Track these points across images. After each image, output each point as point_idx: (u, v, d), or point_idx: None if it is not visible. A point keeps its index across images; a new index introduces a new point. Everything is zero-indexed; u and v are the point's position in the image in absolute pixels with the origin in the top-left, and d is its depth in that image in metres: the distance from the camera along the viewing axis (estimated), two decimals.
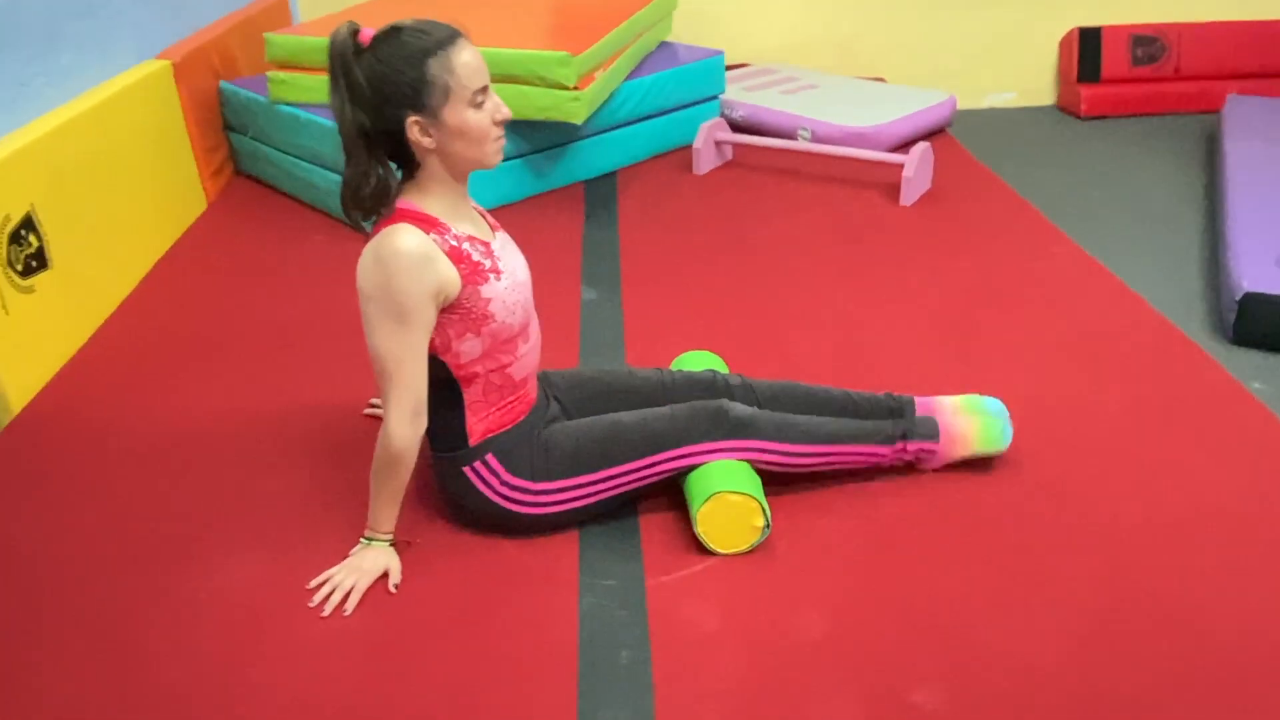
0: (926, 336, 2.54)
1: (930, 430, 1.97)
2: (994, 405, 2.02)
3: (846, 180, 3.60)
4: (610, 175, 3.70)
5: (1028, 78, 5.00)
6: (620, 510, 1.90)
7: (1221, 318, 2.86)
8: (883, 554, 1.80)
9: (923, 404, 2.04)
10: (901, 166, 3.35)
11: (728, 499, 1.77)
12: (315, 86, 3.35)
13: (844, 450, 1.92)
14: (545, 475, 1.80)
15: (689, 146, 3.83)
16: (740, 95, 4.17)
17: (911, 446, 1.96)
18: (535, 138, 3.40)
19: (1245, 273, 2.80)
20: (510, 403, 1.79)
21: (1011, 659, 1.57)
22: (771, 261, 2.98)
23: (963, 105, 4.98)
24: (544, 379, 1.97)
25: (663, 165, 3.80)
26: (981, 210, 3.33)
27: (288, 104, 3.40)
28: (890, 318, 2.64)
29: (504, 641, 1.63)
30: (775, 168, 3.75)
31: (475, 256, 1.68)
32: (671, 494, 1.92)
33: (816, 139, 3.82)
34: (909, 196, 3.32)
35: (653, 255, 3.04)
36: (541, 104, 3.17)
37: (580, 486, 1.81)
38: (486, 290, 1.69)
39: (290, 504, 1.96)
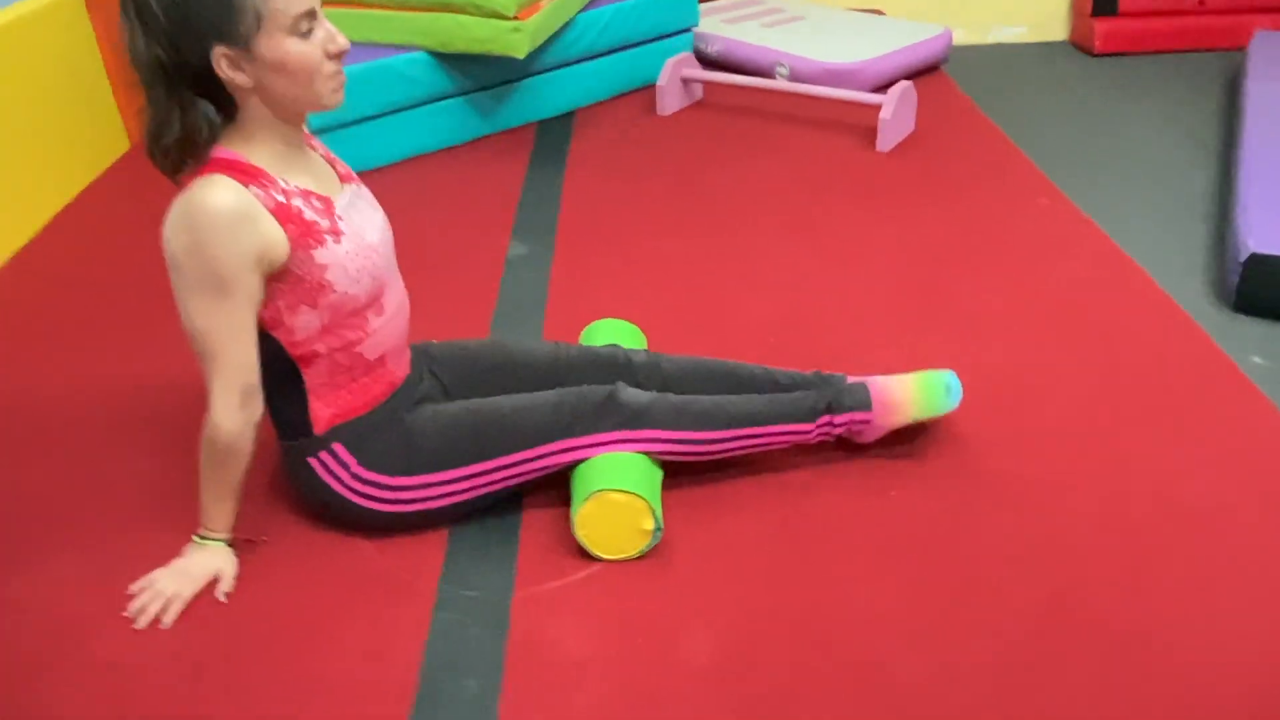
0: (885, 302, 2.26)
1: (860, 399, 1.70)
2: (938, 376, 1.75)
3: (824, 123, 3.29)
4: (567, 116, 3.41)
5: (1039, 9, 4.62)
6: (503, 504, 1.67)
7: (1224, 282, 2.56)
8: (795, 562, 1.56)
9: (855, 378, 1.79)
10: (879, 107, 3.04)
11: (610, 499, 1.53)
12: None
13: (757, 432, 1.66)
14: (405, 469, 1.56)
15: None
16: (717, 28, 3.84)
17: (839, 419, 1.69)
18: (479, 73, 3.11)
19: (1253, 231, 2.49)
20: (364, 384, 1.55)
21: (928, 700, 1.34)
22: (726, 214, 2.70)
23: (968, 40, 4.61)
24: (420, 352, 1.72)
25: (626, 105, 3.50)
26: (965, 158, 3.02)
27: None
28: (848, 280, 2.37)
29: (336, 665, 1.41)
30: (748, 108, 3.45)
31: (309, 215, 1.43)
32: (565, 486, 1.68)
33: (795, 76, 3.50)
34: (886, 141, 3.01)
35: (597, 205, 2.77)
36: (479, 35, 2.88)
37: (447, 483, 1.57)
38: (322, 255, 1.43)
39: (129, 494, 1.73)
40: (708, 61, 3.76)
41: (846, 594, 1.50)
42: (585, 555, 1.57)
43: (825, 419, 1.69)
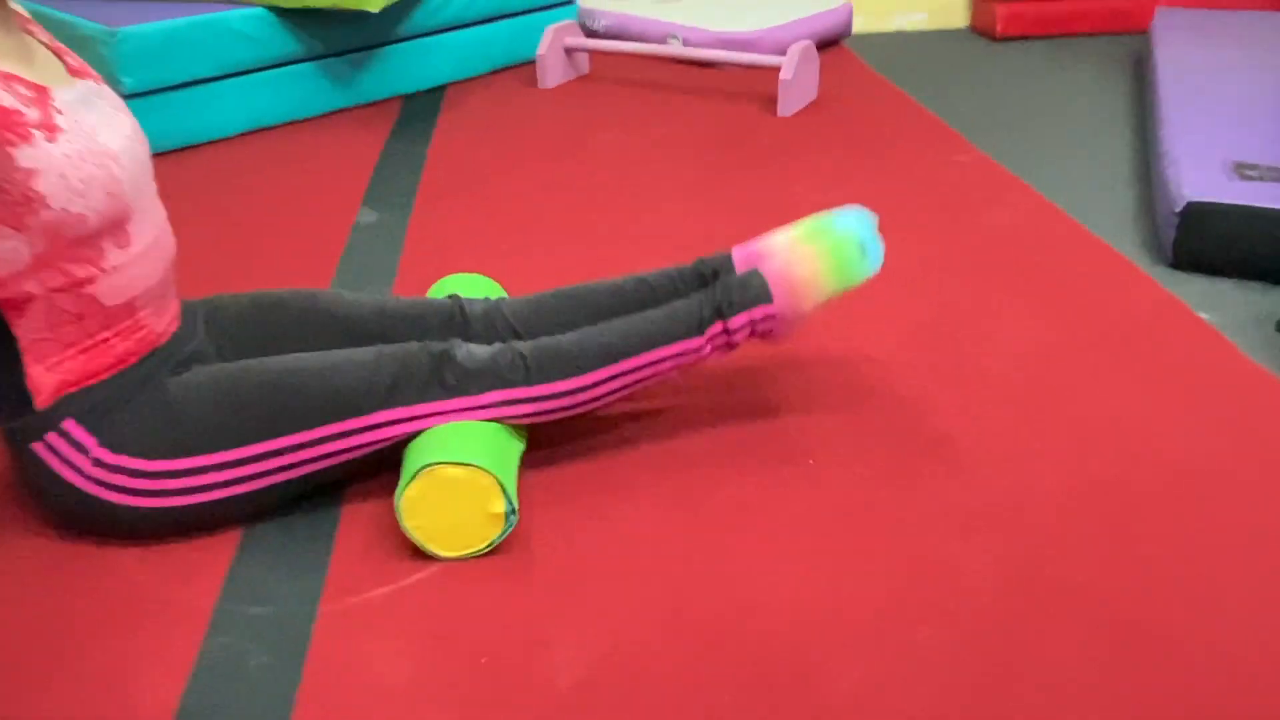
0: None
1: (756, 290, 1.35)
2: (845, 219, 1.41)
3: (722, 92, 3.01)
4: (437, 91, 3.05)
5: None
6: (317, 497, 1.29)
7: (1159, 238, 2.33)
8: (695, 552, 1.21)
9: (743, 256, 1.44)
10: (779, 70, 2.77)
11: (445, 475, 1.17)
12: None
13: (635, 364, 1.31)
14: (166, 449, 1.17)
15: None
16: (604, 4, 3.55)
17: (735, 323, 1.34)
18: (331, 35, 2.74)
19: (1186, 180, 2.27)
20: (102, 341, 1.16)
21: (874, 712, 1.00)
22: (611, 177, 2.37)
23: (869, 28, 4.43)
24: (197, 306, 1.34)
25: (503, 80, 3.16)
26: (874, 120, 2.75)
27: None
28: (747, 236, 2.06)
29: (69, 714, 1.01)
30: (639, 81, 3.14)
31: (10, 102, 1.05)
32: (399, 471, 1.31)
33: (688, 45, 3.22)
34: (788, 105, 2.73)
35: (462, 169, 2.41)
36: None
37: (225, 467, 1.19)
38: (27, 156, 1.05)
39: None
40: (595, 39, 3.46)
41: (762, 589, 1.16)
42: (418, 554, 1.20)
43: (717, 327, 1.34)
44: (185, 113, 2.52)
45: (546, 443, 1.39)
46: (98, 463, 1.16)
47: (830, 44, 3.50)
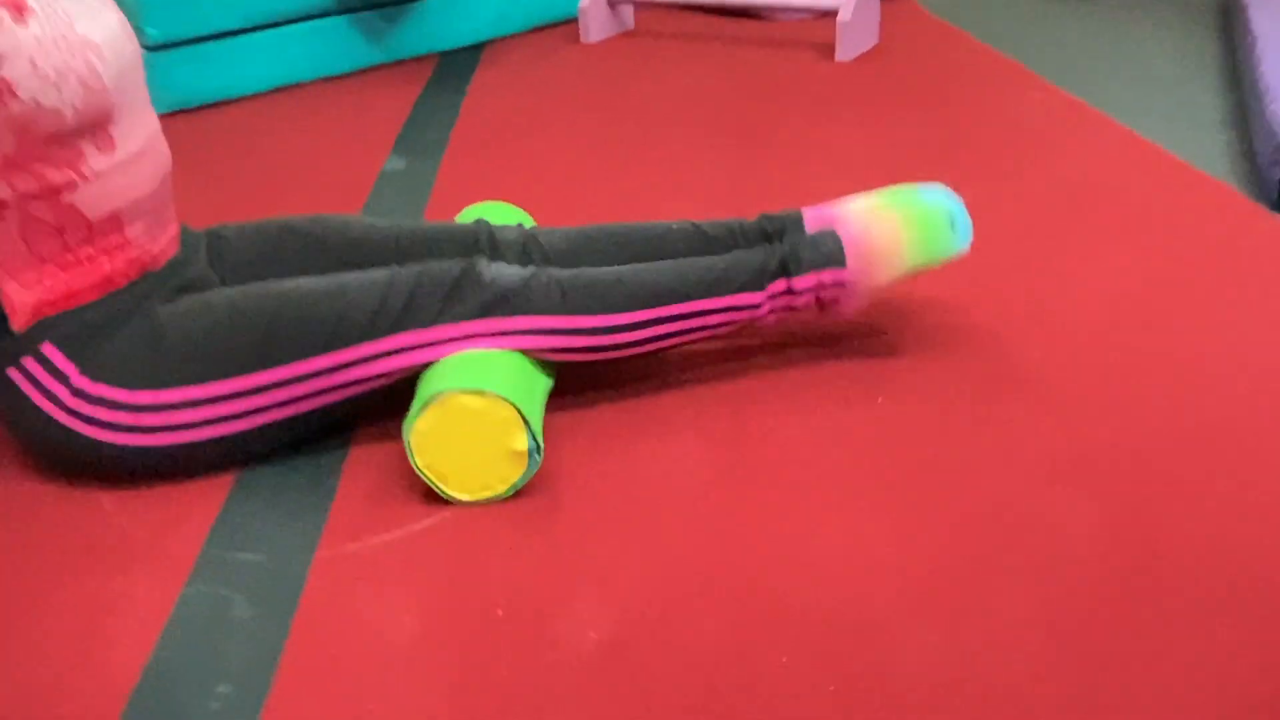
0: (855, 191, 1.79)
1: (829, 251, 1.19)
2: (932, 191, 1.25)
3: (776, 41, 2.84)
4: (474, 49, 2.92)
5: None
6: (322, 439, 1.16)
7: (1260, 181, 2.13)
8: (741, 501, 1.05)
9: (815, 216, 1.28)
10: (836, 13, 2.59)
11: (462, 405, 1.02)
12: None
13: (683, 310, 1.15)
14: (151, 378, 1.04)
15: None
16: None
17: (801, 282, 1.18)
18: None
19: None
20: (86, 258, 1.04)
21: (951, 687, 0.84)
22: (654, 125, 2.21)
23: None
24: (201, 233, 1.22)
25: (543, 37, 3.02)
26: (942, 64, 2.55)
27: None
28: (804, 181, 1.88)
29: (35, 669, 0.88)
30: (689, 33, 2.98)
31: None
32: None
33: None
34: (847, 50, 2.55)
35: (498, 119, 2.27)
36: None
37: (217, 400, 1.05)
38: None
39: None
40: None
41: (817, 543, 1.00)
42: (432, 498, 1.07)
43: (780, 284, 1.18)
44: (213, 66, 2.41)
45: (577, 386, 1.24)
46: (78, 393, 1.04)
47: None
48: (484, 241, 1.25)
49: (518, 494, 1.06)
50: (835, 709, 0.82)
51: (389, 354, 1.09)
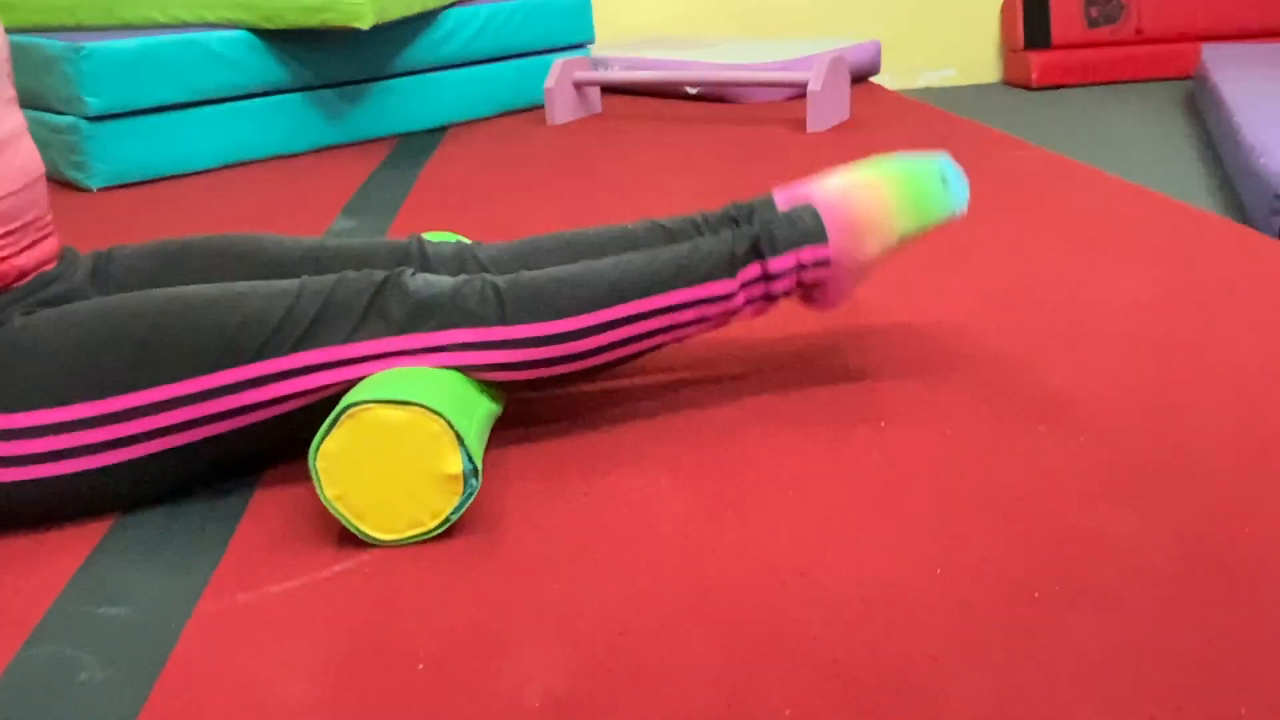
0: None
1: (807, 226, 1.03)
2: (918, 154, 1.11)
3: (746, 119, 2.77)
4: (438, 131, 2.84)
5: (966, 51, 4.27)
6: (228, 476, 0.97)
7: (1257, 227, 2.04)
8: (720, 532, 0.86)
9: (788, 196, 1.12)
10: (805, 88, 2.53)
11: (377, 419, 0.84)
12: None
13: (647, 308, 0.98)
14: (2, 400, 0.87)
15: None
16: (616, 52, 3.37)
17: (778, 264, 1.01)
18: (321, 64, 2.53)
19: None
20: None
21: None
22: (619, 193, 2.09)
23: (894, 86, 4.24)
24: (93, 257, 1.06)
25: (510, 120, 2.96)
26: (918, 133, 2.48)
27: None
28: None
29: None
30: (657, 115, 2.92)
31: None
32: None
33: (709, 91, 3.01)
34: (819, 121, 2.48)
35: (455, 187, 2.15)
36: (312, 2, 2.33)
37: (78, 426, 0.87)
38: None
39: None
40: (608, 88, 3.27)
41: (821, 578, 0.81)
42: (348, 541, 0.87)
43: (754, 269, 1.01)
44: (155, 140, 2.30)
45: (526, 417, 1.07)
46: None
47: (858, 81, 3.28)
48: (414, 255, 1.09)
49: (451, 531, 0.88)
50: None
51: (294, 373, 0.91)
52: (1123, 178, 1.99)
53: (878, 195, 1.04)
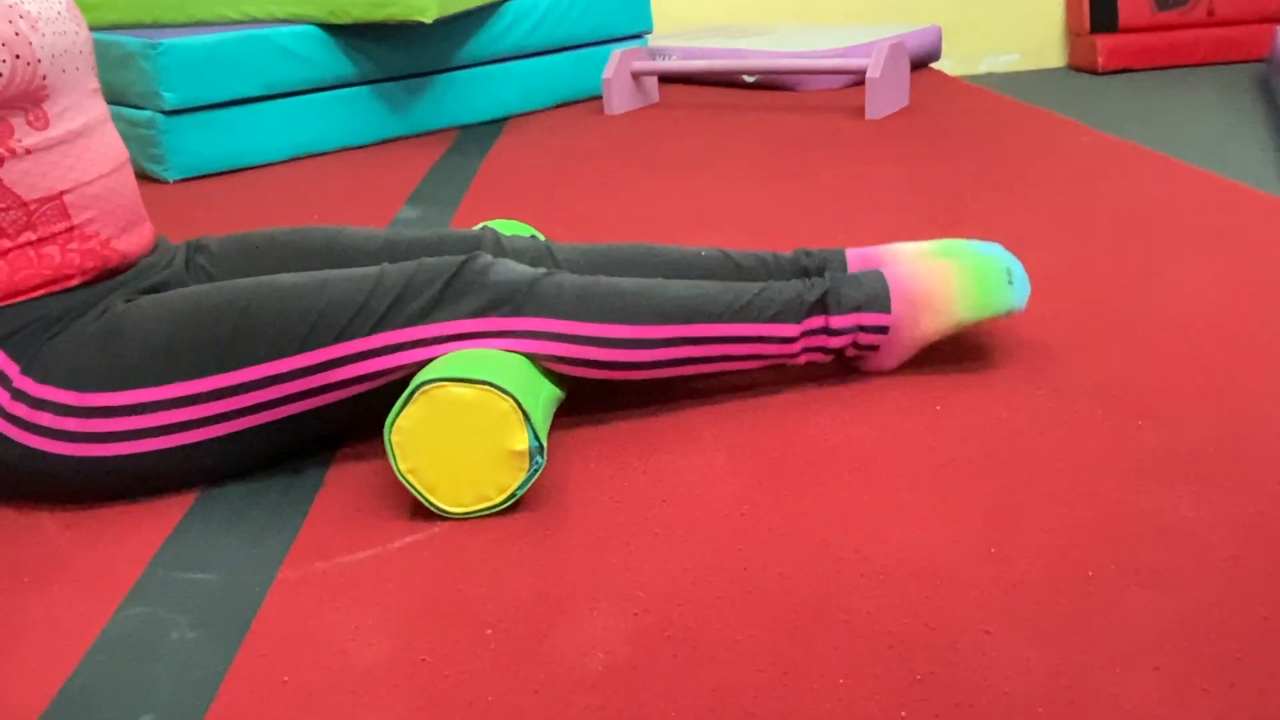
0: (893, 228, 1.66)
1: (874, 292, 1.06)
2: (988, 245, 1.13)
3: (804, 107, 2.78)
4: (498, 122, 2.89)
5: (1030, 35, 4.20)
6: (302, 456, 1.02)
7: None
8: (774, 509, 0.89)
9: (859, 256, 1.16)
10: (864, 74, 2.52)
11: (449, 397, 0.88)
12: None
13: (710, 334, 1.02)
14: (100, 380, 0.92)
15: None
16: (673, 42, 3.39)
17: (839, 322, 1.05)
18: (386, 58, 2.59)
19: None
20: (30, 244, 0.92)
21: (1042, 712, 0.67)
22: (677, 182, 2.12)
23: (956, 72, 4.19)
24: (184, 245, 1.11)
25: (568, 110, 3.00)
26: (980, 119, 2.46)
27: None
28: (838, 217, 1.76)
29: None
30: (714, 104, 2.94)
31: None
32: None
33: (768, 79, 3.02)
34: (877, 107, 2.47)
35: (517, 173, 2.19)
36: None
37: (175, 405, 0.92)
38: None
39: None
40: (665, 77, 3.29)
41: (876, 553, 0.83)
42: (419, 513, 0.92)
43: (818, 320, 1.05)
44: (229, 133, 2.38)
45: (587, 403, 1.10)
46: (19, 395, 0.91)
47: (918, 67, 3.26)
48: (489, 246, 1.13)
49: (517, 505, 0.91)
50: None
51: (373, 353, 0.95)
52: (1191, 164, 1.96)
53: (945, 280, 1.07)
